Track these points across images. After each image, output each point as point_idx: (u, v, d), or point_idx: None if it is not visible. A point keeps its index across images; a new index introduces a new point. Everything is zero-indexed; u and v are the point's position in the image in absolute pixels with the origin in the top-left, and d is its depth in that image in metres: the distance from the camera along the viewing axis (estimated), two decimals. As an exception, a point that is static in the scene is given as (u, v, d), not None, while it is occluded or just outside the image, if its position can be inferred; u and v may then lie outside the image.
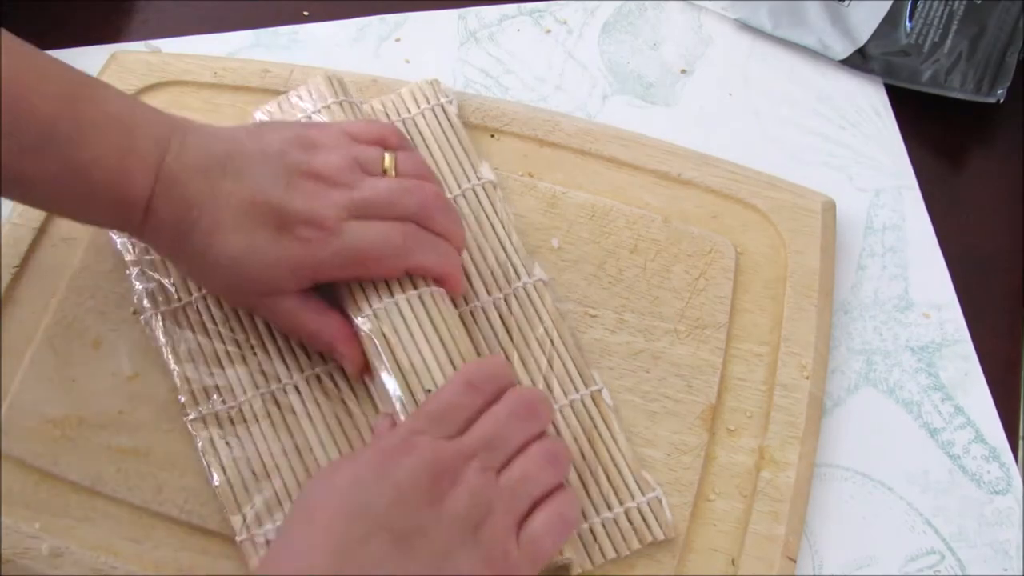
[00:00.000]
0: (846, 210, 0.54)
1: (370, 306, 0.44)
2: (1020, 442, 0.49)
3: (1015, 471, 0.48)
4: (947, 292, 0.53)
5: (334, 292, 0.46)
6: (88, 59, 0.57)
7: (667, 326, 0.49)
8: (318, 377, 0.47)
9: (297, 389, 0.46)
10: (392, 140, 0.48)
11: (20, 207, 0.51)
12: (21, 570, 0.43)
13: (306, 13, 0.62)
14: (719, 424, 0.47)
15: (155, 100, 0.55)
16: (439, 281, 0.46)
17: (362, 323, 0.44)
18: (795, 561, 0.44)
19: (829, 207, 0.53)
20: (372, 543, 0.36)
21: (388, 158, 0.46)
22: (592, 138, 0.54)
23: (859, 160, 0.57)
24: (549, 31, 0.62)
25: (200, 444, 0.45)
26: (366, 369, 0.46)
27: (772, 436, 0.47)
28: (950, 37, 0.59)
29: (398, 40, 0.61)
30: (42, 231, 0.51)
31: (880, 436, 0.49)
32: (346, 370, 0.46)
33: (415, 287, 0.45)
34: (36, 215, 0.51)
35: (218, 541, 0.44)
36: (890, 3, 0.61)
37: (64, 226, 0.51)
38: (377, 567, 0.35)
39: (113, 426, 0.46)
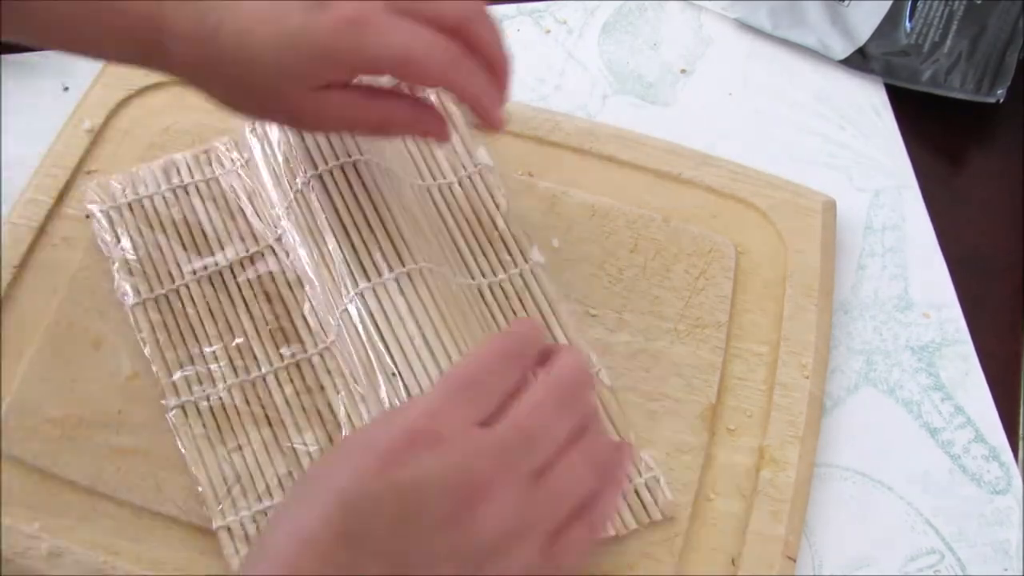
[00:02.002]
0: (846, 210, 0.54)
1: (357, 285, 0.45)
2: (1020, 442, 0.49)
3: (1015, 471, 0.48)
4: (947, 292, 0.53)
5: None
6: (88, 59, 0.57)
7: (667, 325, 0.49)
8: (297, 365, 0.47)
9: (276, 377, 0.47)
10: None
11: (20, 207, 0.51)
12: (21, 570, 0.43)
13: (306, 13, 0.62)
14: (719, 424, 0.47)
15: (156, 100, 0.55)
16: (478, 113, 0.42)
17: (349, 305, 0.45)
18: (795, 561, 0.44)
19: (829, 207, 0.53)
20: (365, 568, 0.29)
21: None
22: (592, 138, 0.54)
23: (859, 160, 0.57)
24: (549, 31, 0.62)
25: (178, 433, 0.45)
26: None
27: (772, 436, 0.46)
28: (950, 37, 0.59)
29: (398, 40, 0.61)
30: (42, 231, 0.51)
31: (880, 436, 0.49)
32: (438, 140, 0.44)
33: (403, 264, 0.45)
34: (36, 215, 0.51)
35: (218, 541, 0.44)
36: (890, 3, 0.61)
37: (64, 226, 0.51)
38: None
39: (113, 426, 0.46)
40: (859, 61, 0.60)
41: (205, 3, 0.39)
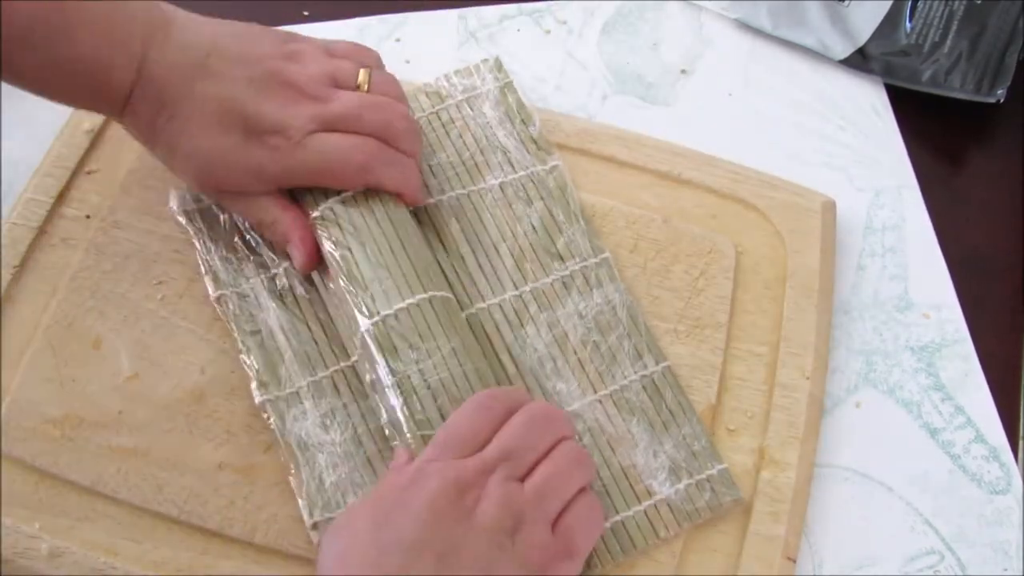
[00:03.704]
0: (846, 210, 0.54)
1: (327, 202, 0.46)
2: (1020, 442, 0.49)
3: (1015, 471, 0.48)
4: (947, 292, 0.53)
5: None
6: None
7: (667, 326, 0.49)
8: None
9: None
10: (369, 59, 0.49)
11: (20, 206, 0.51)
12: (21, 570, 0.43)
13: (306, 13, 0.62)
14: (719, 424, 0.47)
15: (155, 100, 0.55)
16: (398, 196, 0.47)
17: (319, 224, 0.46)
18: (795, 561, 0.44)
19: (829, 207, 0.53)
20: (414, 567, 0.36)
21: (363, 74, 0.47)
22: (592, 138, 0.54)
23: (859, 160, 0.57)
24: (549, 31, 0.62)
25: (272, 423, 0.46)
26: (318, 266, 0.47)
27: (772, 436, 0.47)
28: (950, 37, 0.59)
29: (398, 40, 0.61)
30: (42, 231, 0.51)
31: (880, 436, 0.49)
32: (295, 263, 0.47)
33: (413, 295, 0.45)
34: (36, 215, 0.51)
35: (218, 541, 0.44)
36: (890, 3, 0.61)
37: (64, 226, 0.51)
38: None
39: (113, 426, 0.46)
40: (859, 61, 0.60)
41: (166, 96, 0.44)
